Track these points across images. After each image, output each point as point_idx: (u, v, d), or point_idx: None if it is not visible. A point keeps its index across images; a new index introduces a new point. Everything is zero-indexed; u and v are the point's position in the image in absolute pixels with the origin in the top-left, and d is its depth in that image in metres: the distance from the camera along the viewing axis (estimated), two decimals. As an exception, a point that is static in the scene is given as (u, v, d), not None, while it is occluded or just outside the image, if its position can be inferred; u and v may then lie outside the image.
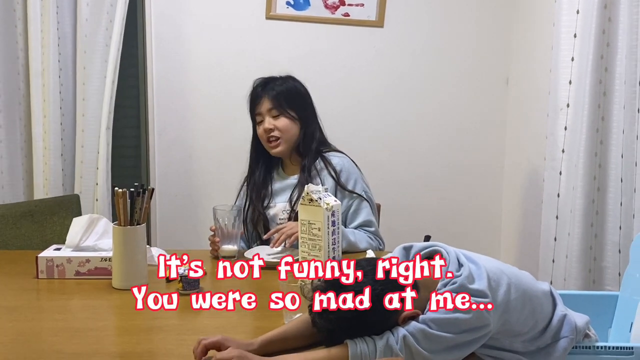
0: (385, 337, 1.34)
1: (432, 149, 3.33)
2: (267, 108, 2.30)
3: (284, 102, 2.30)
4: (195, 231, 3.22)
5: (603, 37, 2.23)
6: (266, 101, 2.30)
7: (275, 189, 2.37)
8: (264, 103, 2.31)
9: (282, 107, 2.30)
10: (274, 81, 2.34)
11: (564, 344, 1.49)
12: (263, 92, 2.32)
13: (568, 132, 2.37)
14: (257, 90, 2.34)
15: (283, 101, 2.30)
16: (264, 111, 2.30)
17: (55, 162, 2.97)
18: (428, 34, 3.25)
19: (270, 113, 2.30)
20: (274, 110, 2.30)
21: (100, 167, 2.97)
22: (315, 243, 1.94)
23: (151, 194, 1.89)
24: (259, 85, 2.35)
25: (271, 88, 2.32)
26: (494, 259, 1.51)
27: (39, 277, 1.93)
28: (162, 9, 3.18)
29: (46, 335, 1.55)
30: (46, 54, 2.92)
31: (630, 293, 1.76)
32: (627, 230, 2.17)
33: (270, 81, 2.34)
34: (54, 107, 2.95)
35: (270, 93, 2.31)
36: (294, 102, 2.32)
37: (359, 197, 2.29)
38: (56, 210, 2.56)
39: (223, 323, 1.61)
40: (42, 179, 2.96)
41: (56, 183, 2.98)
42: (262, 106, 2.31)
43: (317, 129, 2.38)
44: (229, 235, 2.13)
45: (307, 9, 3.17)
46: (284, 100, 2.30)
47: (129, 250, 1.83)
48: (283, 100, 2.30)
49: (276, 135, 2.30)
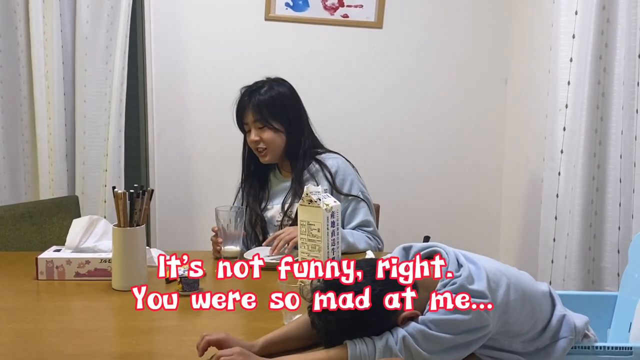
0: (384, 338, 1.34)
1: (431, 149, 3.33)
2: (252, 120, 2.29)
3: (267, 113, 2.28)
4: (195, 232, 3.23)
5: (601, 38, 2.24)
6: (250, 112, 2.29)
7: (272, 191, 2.38)
8: (249, 114, 2.29)
9: (265, 120, 2.27)
10: (259, 90, 2.30)
11: (563, 344, 1.49)
12: (248, 102, 2.30)
13: (567, 132, 2.37)
14: (242, 100, 2.32)
15: (266, 112, 2.28)
16: (250, 122, 2.30)
17: (60, 162, 3.00)
18: (427, 35, 3.26)
19: (255, 125, 2.29)
20: (258, 123, 2.28)
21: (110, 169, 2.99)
22: (315, 244, 1.94)
23: (151, 195, 1.90)
24: (244, 94, 2.32)
25: (255, 98, 2.29)
26: (492, 259, 1.51)
27: (39, 278, 1.93)
28: (161, 10, 3.18)
29: (46, 337, 1.55)
30: (50, 56, 2.92)
31: (629, 293, 1.76)
32: (626, 230, 2.17)
33: (255, 90, 2.31)
34: (59, 109, 2.96)
35: (254, 104, 2.28)
36: (277, 112, 2.29)
37: (356, 198, 2.29)
38: (55, 211, 2.56)
39: (222, 324, 1.62)
40: (49, 179, 2.98)
41: (62, 184, 3.00)
42: (247, 117, 2.30)
43: (304, 134, 2.35)
44: (231, 236, 2.13)
45: (306, 10, 3.18)
46: (266, 111, 2.28)
47: (129, 251, 1.84)
48: (266, 111, 2.28)
49: (263, 147, 2.30)
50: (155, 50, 3.20)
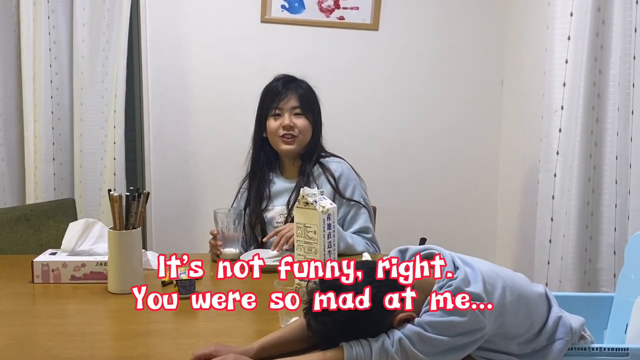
0: (380, 340, 1.34)
1: (427, 151, 3.33)
2: (293, 105, 2.30)
3: (307, 103, 2.32)
4: (191, 235, 3.23)
5: (597, 39, 2.24)
6: (293, 98, 2.31)
7: (273, 192, 2.37)
8: (290, 99, 2.31)
9: (305, 108, 2.31)
10: (297, 81, 2.36)
11: (560, 345, 1.49)
12: (288, 88, 2.32)
13: (562, 134, 2.38)
14: (280, 85, 2.33)
15: (307, 102, 2.32)
16: (287, 107, 2.30)
17: (46, 166, 2.97)
18: (423, 37, 3.26)
19: (293, 111, 2.30)
20: (298, 109, 2.31)
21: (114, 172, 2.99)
22: (311, 246, 1.94)
23: (146, 198, 1.89)
24: (284, 80, 2.35)
25: (298, 86, 2.33)
26: (488, 262, 1.51)
27: (35, 281, 1.93)
28: (158, 13, 3.18)
29: (42, 340, 1.54)
30: (37, 59, 2.91)
31: (625, 294, 1.76)
32: (621, 231, 2.17)
33: (294, 80, 2.36)
34: (45, 112, 2.94)
35: (298, 91, 2.32)
36: (314, 106, 2.35)
37: (357, 204, 2.29)
38: (52, 214, 2.55)
39: (219, 327, 1.61)
40: (33, 183, 2.97)
41: (47, 187, 2.97)
42: (286, 102, 2.30)
43: (320, 137, 2.39)
44: (230, 239, 2.13)
45: (302, 12, 3.18)
46: (307, 101, 2.32)
47: (125, 254, 1.83)
48: (307, 101, 2.32)
49: (293, 134, 2.29)
50: (152, 52, 3.20)
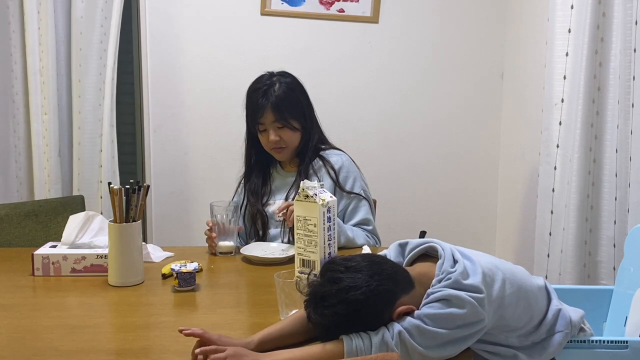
0: (380, 333, 1.34)
1: (427, 144, 3.33)
2: (271, 120, 2.24)
3: (286, 112, 2.24)
4: (191, 228, 3.23)
5: (597, 32, 2.24)
6: (269, 113, 2.23)
7: (274, 186, 2.36)
8: (267, 115, 2.23)
9: (284, 119, 2.23)
10: (271, 88, 2.25)
11: (559, 338, 1.49)
12: (264, 102, 2.23)
13: (563, 127, 2.38)
14: (257, 100, 2.25)
15: (285, 111, 2.23)
16: (269, 122, 2.24)
17: (56, 159, 3.00)
18: (423, 29, 3.26)
19: (273, 125, 2.24)
20: (277, 123, 2.24)
21: (104, 165, 2.98)
22: (311, 239, 1.93)
23: (147, 191, 1.89)
24: (258, 95, 2.26)
25: (271, 97, 2.23)
26: (488, 254, 1.51)
27: (35, 274, 1.93)
28: (157, 5, 3.18)
29: (42, 333, 1.54)
30: (45, 52, 2.92)
31: (624, 287, 1.77)
32: (621, 224, 2.17)
33: (267, 89, 2.25)
34: (53, 105, 2.95)
35: (272, 104, 2.22)
36: (294, 109, 2.26)
37: (358, 196, 2.29)
38: (61, 210, 2.55)
39: (219, 320, 1.62)
40: (45, 175, 2.98)
41: (57, 180, 3.00)
42: (266, 117, 2.24)
43: (315, 129, 2.34)
44: (226, 232, 2.13)
45: (301, 4, 3.17)
46: (285, 110, 2.24)
47: (125, 247, 1.83)
48: (285, 110, 2.24)
49: (282, 145, 2.27)
50: (151, 45, 3.19)
